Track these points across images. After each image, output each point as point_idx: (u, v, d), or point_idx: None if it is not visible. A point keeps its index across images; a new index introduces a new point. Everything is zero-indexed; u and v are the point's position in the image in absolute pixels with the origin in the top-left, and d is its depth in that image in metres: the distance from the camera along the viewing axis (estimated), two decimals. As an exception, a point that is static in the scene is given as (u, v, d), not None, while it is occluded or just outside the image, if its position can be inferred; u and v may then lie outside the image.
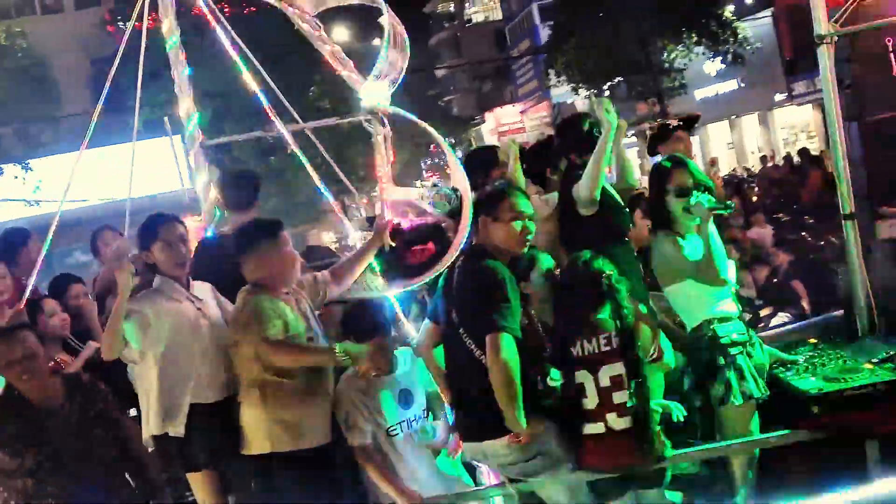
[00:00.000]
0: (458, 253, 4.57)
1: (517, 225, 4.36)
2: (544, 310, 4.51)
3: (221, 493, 4.65)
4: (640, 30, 28.92)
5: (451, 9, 59.21)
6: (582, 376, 4.30)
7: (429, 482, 4.67)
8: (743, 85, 32.46)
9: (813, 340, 5.29)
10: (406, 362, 4.78)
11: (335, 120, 6.99)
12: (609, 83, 32.45)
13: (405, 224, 5.20)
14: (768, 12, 31.28)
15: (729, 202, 4.88)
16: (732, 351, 4.53)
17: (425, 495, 4.52)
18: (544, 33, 40.96)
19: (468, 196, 4.70)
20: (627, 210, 5.29)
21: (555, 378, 4.34)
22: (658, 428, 4.29)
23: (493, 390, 4.12)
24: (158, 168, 15.63)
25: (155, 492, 4.71)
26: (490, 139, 39.62)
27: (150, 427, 4.59)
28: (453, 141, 44.03)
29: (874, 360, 4.62)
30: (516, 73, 49.59)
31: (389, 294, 4.87)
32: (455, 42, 56.65)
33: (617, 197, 5.18)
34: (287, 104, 6.13)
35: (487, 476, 4.77)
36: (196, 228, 5.89)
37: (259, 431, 4.43)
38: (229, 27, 5.76)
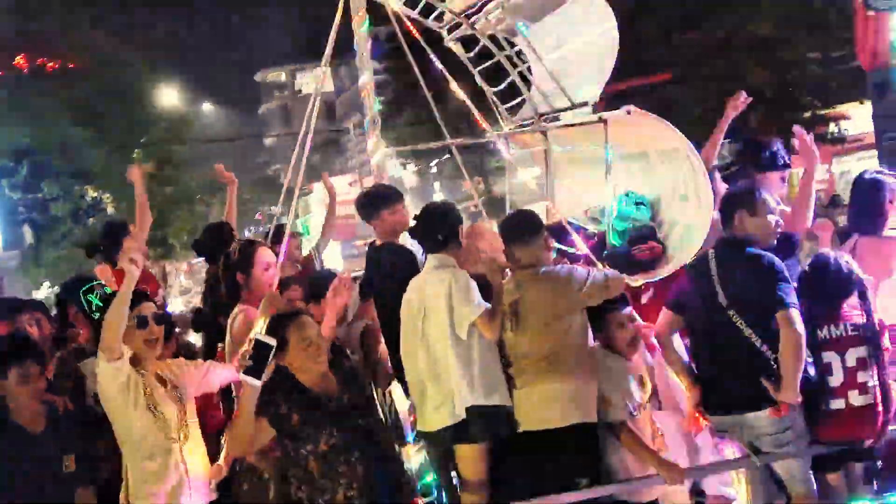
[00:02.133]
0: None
1: (771, 218, 4.98)
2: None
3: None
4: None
5: (282, 78, 59.57)
6: (829, 357, 4.91)
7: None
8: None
9: None
10: None
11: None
12: (437, 160, 33.70)
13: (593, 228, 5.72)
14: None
15: None
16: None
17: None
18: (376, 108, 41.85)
19: (708, 198, 5.21)
20: None
21: None
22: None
23: (780, 362, 4.66)
24: None
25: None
26: (319, 210, 39.95)
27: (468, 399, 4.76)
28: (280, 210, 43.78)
29: None
30: (346, 146, 50.37)
31: (633, 283, 5.29)
32: (285, 111, 56.92)
33: None
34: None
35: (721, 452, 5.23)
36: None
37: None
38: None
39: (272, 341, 4.34)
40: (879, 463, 5.29)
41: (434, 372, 4.80)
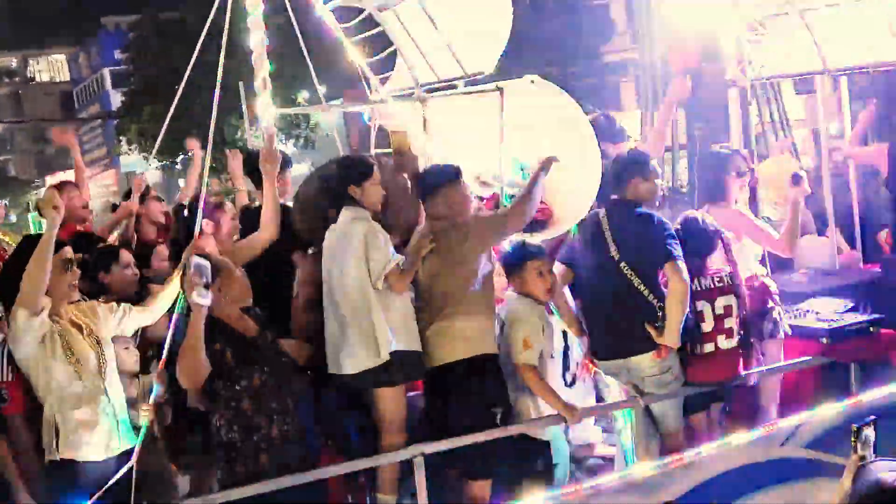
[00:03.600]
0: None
1: (658, 182, 5.55)
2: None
3: None
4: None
5: (13, 64, 55.63)
6: (701, 305, 5.53)
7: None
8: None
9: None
10: None
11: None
12: (183, 156, 33.07)
13: (486, 194, 6.08)
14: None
15: None
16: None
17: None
18: (116, 99, 40.50)
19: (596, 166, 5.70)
20: None
21: None
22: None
23: (667, 310, 5.21)
24: None
25: None
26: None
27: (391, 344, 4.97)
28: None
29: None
30: (83, 139, 47.91)
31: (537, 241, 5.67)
32: (16, 99, 53.22)
33: None
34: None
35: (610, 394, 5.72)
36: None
37: None
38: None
39: (207, 262, 4.39)
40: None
41: (356, 318, 4.96)
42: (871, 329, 6.06)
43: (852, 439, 3.58)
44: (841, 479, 3.26)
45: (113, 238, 7.00)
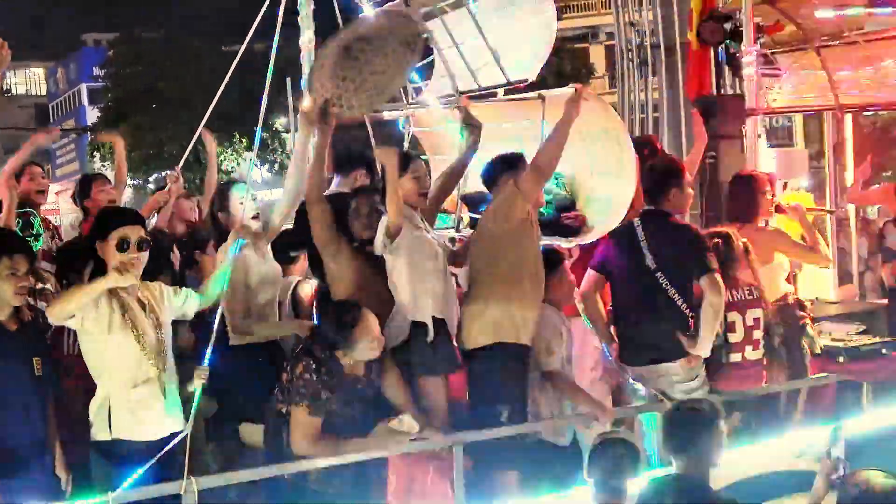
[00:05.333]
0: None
1: (690, 192, 5.74)
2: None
3: None
4: (193, 124, 30.05)
5: (-9, 76, 55.21)
6: (732, 316, 5.70)
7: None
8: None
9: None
10: None
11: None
12: (156, 174, 33.05)
13: None
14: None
15: None
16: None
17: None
18: (92, 115, 40.36)
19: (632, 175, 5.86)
20: None
21: None
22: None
23: (701, 320, 5.36)
24: None
25: None
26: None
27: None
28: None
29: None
30: (56, 152, 47.62)
31: (569, 245, 5.83)
32: (-8, 111, 52.87)
33: None
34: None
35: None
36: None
37: None
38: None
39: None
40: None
41: None
42: (884, 351, 6.26)
43: (827, 442, 3.83)
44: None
45: None
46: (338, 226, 5.28)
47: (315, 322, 5.35)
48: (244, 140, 31.53)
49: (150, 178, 31.31)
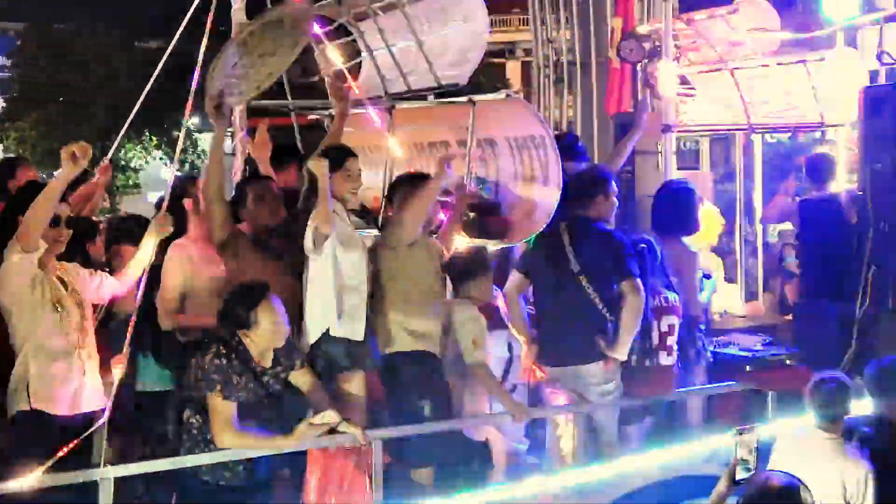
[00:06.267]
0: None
1: (615, 200, 5.90)
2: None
3: None
4: (103, 120, 29.66)
5: None
6: (648, 322, 5.86)
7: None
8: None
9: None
10: None
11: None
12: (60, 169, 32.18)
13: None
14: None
15: None
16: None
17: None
18: (-3, 104, 39.15)
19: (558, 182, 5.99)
20: None
21: None
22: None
23: (621, 324, 5.52)
24: None
25: None
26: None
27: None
28: None
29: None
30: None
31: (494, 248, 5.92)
32: None
33: None
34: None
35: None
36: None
37: None
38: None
39: None
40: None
41: None
42: (788, 362, 6.51)
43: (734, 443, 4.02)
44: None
45: None
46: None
47: None
48: (154, 138, 30.94)
49: (55, 173, 30.37)
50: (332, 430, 4.72)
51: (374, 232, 6.39)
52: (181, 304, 5.27)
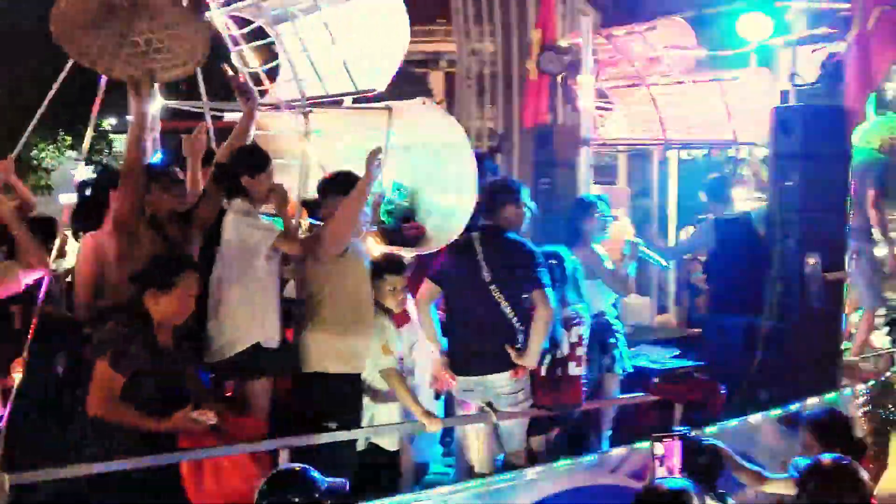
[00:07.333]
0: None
1: (527, 211, 5.91)
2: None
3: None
4: (13, 119, 28.99)
5: None
6: (558, 332, 5.89)
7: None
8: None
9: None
10: None
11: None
12: None
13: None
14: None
15: None
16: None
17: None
18: None
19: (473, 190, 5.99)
20: None
21: None
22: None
23: (531, 333, 5.53)
24: None
25: None
26: None
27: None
28: None
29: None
30: None
31: (408, 255, 5.89)
32: None
33: None
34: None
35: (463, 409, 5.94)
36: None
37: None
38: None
39: None
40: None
41: None
42: (695, 374, 6.61)
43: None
44: None
45: None
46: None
47: None
48: (68, 138, 30.18)
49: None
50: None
51: None
52: (94, 297, 5.15)
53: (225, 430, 4.71)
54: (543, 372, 5.78)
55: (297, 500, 3.42)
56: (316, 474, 3.54)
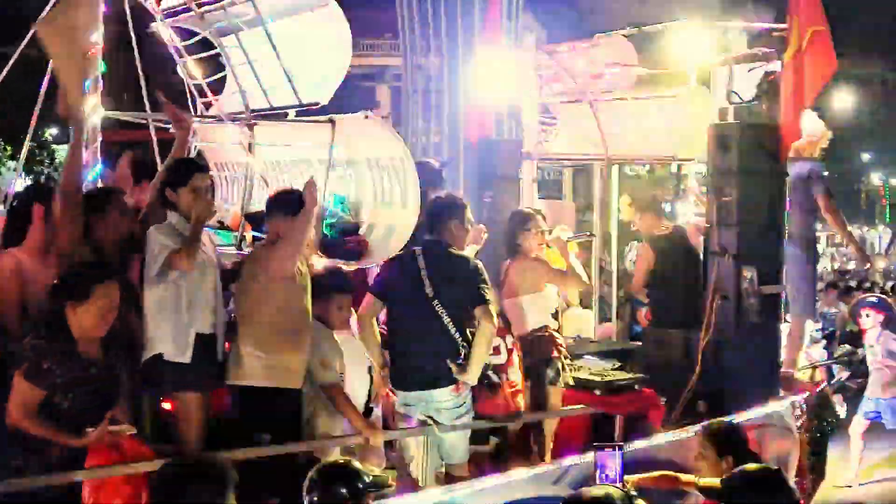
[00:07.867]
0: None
1: (470, 228, 5.97)
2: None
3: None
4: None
5: None
6: (497, 341, 5.94)
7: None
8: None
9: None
10: None
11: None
12: None
13: None
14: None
15: None
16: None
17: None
18: None
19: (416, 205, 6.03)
20: None
21: None
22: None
23: (473, 348, 5.57)
24: None
25: None
26: None
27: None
28: None
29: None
30: None
31: (349, 269, 5.90)
32: None
33: None
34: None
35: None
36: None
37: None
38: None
39: None
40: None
41: None
42: (636, 387, 6.70)
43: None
44: None
45: None
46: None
47: None
48: (8, 148, 29.68)
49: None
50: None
51: (233, 251, 6.31)
52: (20, 313, 5.04)
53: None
54: (485, 385, 5.84)
55: (343, 491, 3.78)
56: (360, 467, 3.93)
